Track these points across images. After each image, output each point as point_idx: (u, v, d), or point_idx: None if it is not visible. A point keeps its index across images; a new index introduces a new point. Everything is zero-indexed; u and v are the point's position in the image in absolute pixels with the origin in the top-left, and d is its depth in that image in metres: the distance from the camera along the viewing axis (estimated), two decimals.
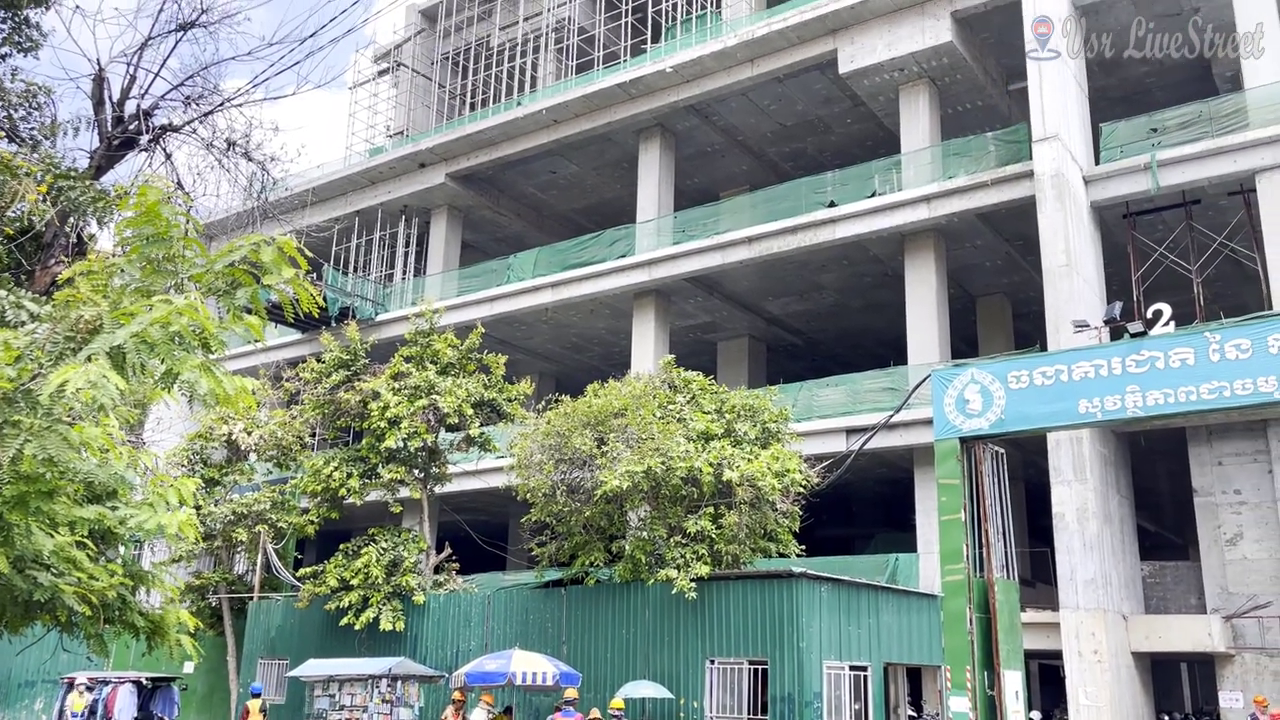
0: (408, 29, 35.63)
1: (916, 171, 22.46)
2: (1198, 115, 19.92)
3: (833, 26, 23.47)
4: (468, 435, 20.00)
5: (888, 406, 20.31)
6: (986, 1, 21.84)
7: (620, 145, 28.46)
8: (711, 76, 25.32)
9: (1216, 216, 20.38)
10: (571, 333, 29.68)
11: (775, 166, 29.38)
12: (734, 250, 24.11)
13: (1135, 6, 22.01)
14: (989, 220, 22.16)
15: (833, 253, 24.12)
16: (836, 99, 25.88)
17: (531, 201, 32.53)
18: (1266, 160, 18.52)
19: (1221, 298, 22.00)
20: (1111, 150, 20.49)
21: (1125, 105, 24.39)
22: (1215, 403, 12.52)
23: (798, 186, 24.86)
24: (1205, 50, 23.12)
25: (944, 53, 22.58)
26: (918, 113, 23.34)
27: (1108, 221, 20.95)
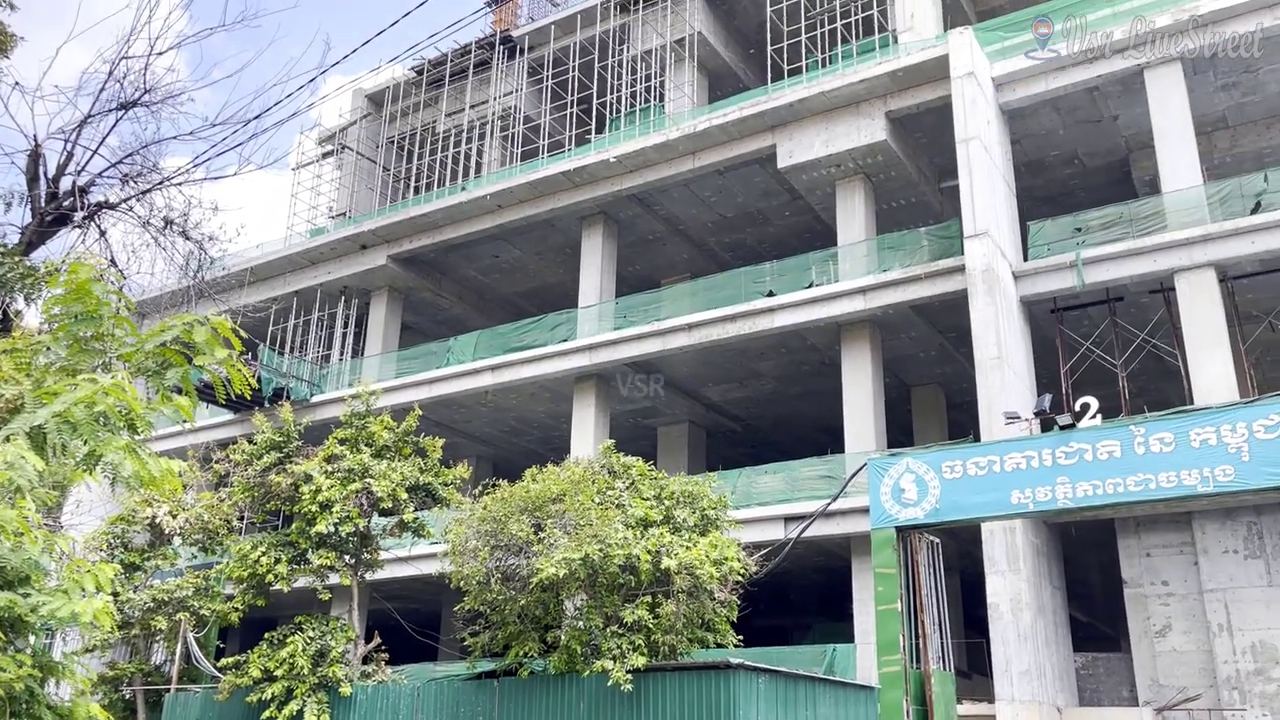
0: (354, 113, 35.93)
1: (852, 264, 22.99)
2: (1119, 216, 20.76)
3: (772, 123, 24.18)
4: (401, 520, 19.58)
5: (826, 494, 20.40)
6: (918, 103, 22.72)
7: (563, 231, 28.77)
8: (654, 167, 25.84)
9: (1139, 313, 21.11)
10: (511, 416, 29.50)
11: (716, 256, 29.88)
12: (674, 337, 24.31)
13: (1058, 112, 23.05)
14: (923, 312, 22.68)
15: (771, 341, 24.45)
16: (775, 192, 26.53)
17: (474, 284, 32.59)
18: (1184, 261, 19.31)
19: (1145, 392, 22.67)
20: (1039, 248, 21.22)
21: (1051, 205, 25.37)
22: (1141, 494, 12.78)
23: (737, 276, 25.27)
24: (1125, 154, 24.27)
25: (879, 151, 23.35)
26: (853, 207, 23.99)
27: (1037, 316, 21.57)
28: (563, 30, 32.35)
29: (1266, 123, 23.29)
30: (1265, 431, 12.19)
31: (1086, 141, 24.12)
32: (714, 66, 31.48)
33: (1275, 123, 23.23)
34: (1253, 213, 19.29)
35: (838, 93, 23.15)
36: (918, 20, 25.88)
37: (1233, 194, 19.73)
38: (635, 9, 30.63)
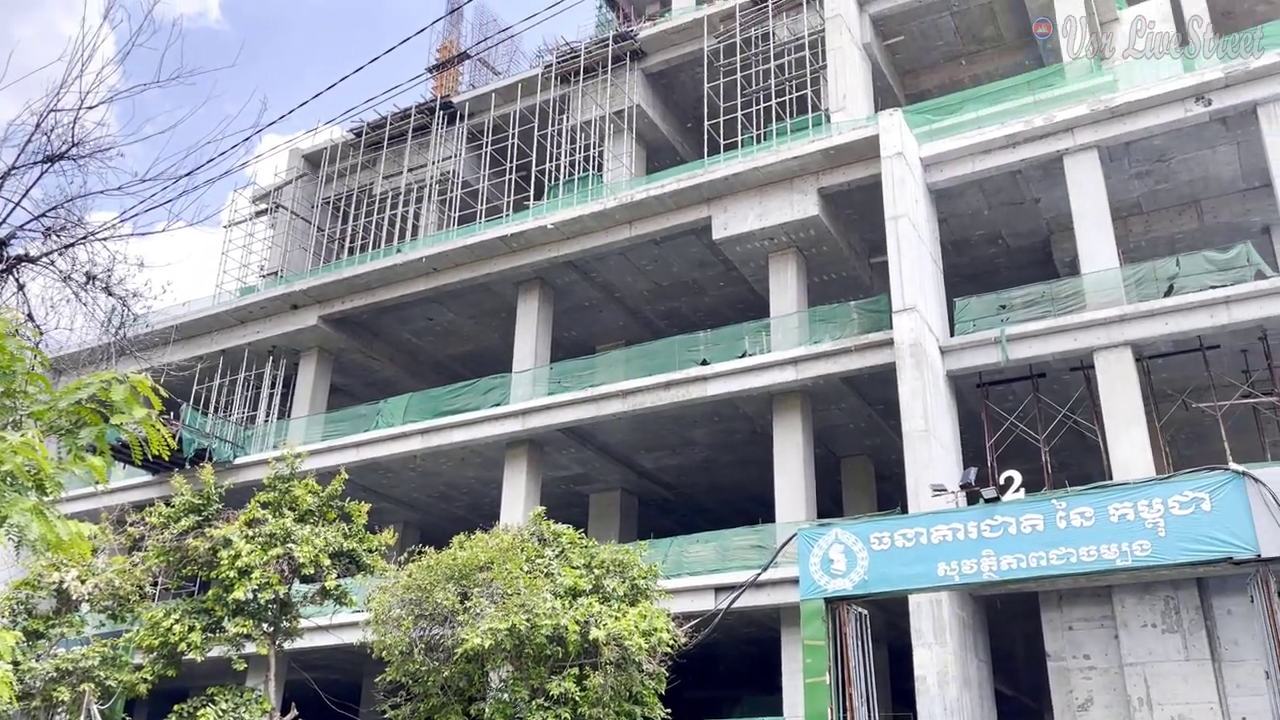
0: (289, 172, 35.74)
1: (785, 335, 23.31)
2: (1041, 295, 21.43)
3: (708, 195, 24.61)
4: (324, 588, 19.05)
5: (756, 564, 20.36)
6: (849, 181, 23.33)
7: (499, 295, 28.75)
8: (591, 235, 26.05)
9: (1061, 389, 21.69)
10: (440, 481, 29.07)
11: (651, 324, 30.08)
12: (608, 403, 24.30)
13: (983, 194, 23.86)
14: (853, 384, 23.02)
15: (705, 409, 24.57)
16: (711, 262, 26.90)
17: (406, 347, 32.29)
18: (1102, 340, 19.95)
19: (1068, 466, 23.18)
20: (965, 324, 21.76)
21: (976, 283, 26.07)
22: (1063, 568, 12.99)
23: (672, 344, 25.44)
24: (1047, 235, 25.15)
25: (811, 225, 23.86)
26: (786, 279, 24.41)
27: (963, 390, 22.03)
28: (503, 98, 32.72)
29: (1178, 209, 24.36)
30: (1180, 508, 12.51)
31: (1010, 222, 24.95)
32: (652, 139, 32.05)
33: (1186, 210, 24.31)
34: (1166, 295, 20.06)
35: (772, 168, 23.69)
36: (850, 101, 26.72)
37: (1147, 277, 20.52)
38: (575, 81, 31.15)
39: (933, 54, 30.93)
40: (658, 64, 31.24)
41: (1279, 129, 20.28)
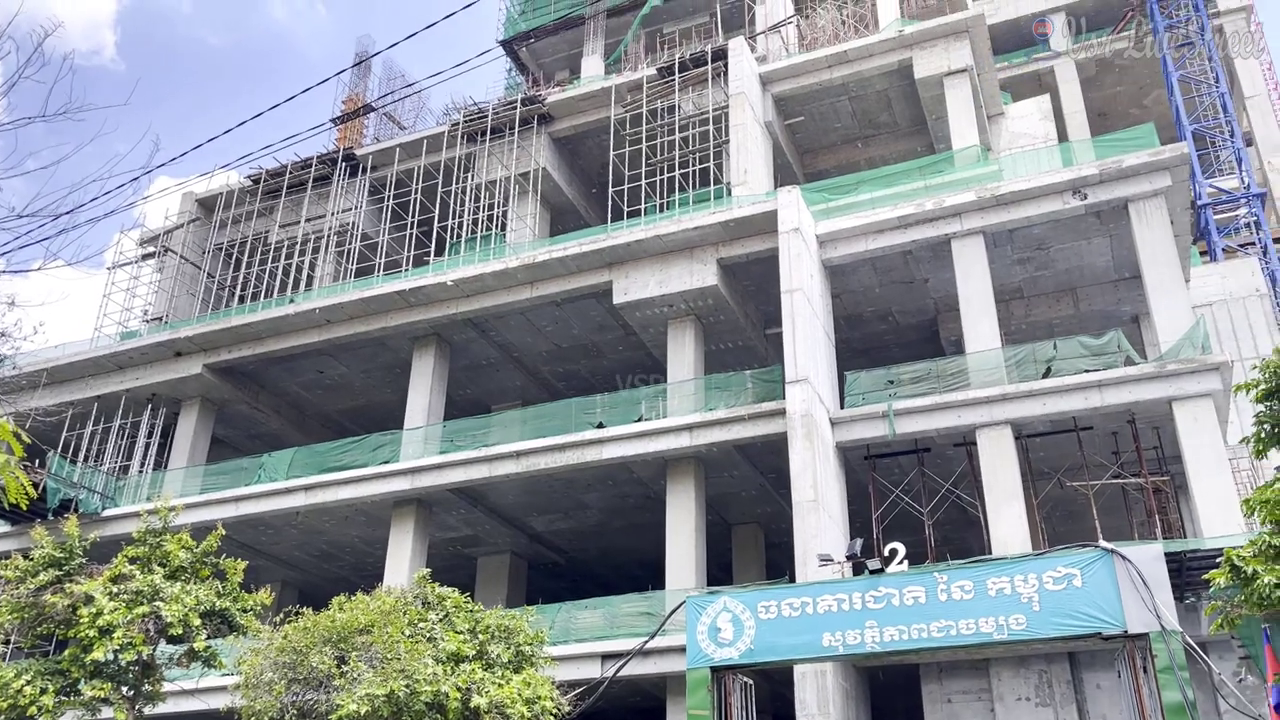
0: (181, 215, 34.73)
1: (680, 401, 23.47)
2: (928, 372, 22.11)
3: (609, 260, 24.81)
4: (192, 649, 18.10)
5: (645, 631, 20.19)
6: (748, 253, 23.83)
7: (394, 351, 28.29)
8: (492, 294, 25.94)
9: (945, 464, 22.31)
10: (323, 540, 28.15)
11: (548, 385, 29.95)
12: (502, 464, 24.00)
13: (876, 272, 24.64)
14: (746, 452, 23.26)
15: (599, 473, 24.47)
16: (610, 326, 27.03)
17: (294, 399, 31.41)
18: (984, 418, 20.65)
19: (950, 540, 23.77)
20: (855, 397, 22.28)
21: (866, 357, 26.82)
22: (943, 640, 13.24)
23: (568, 406, 25.34)
24: (934, 315, 26.05)
25: (709, 295, 24.23)
26: (684, 346, 24.66)
27: (851, 462, 22.46)
28: (408, 153, 32.58)
29: (1056, 296, 25.56)
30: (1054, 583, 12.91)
31: (900, 300, 25.79)
32: (557, 201, 32.27)
33: (1064, 296, 25.52)
34: (1044, 377, 20.92)
35: (673, 237, 24.05)
36: (751, 176, 27.43)
37: (1027, 359, 21.39)
38: (482, 140, 31.25)
39: (831, 136, 32.05)
40: (565, 129, 31.60)
41: (1148, 224, 21.54)
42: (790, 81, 30.07)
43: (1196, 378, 19.48)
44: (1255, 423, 12.40)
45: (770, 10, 33.85)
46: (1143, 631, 12.73)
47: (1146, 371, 19.91)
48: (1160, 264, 21.18)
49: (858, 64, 29.51)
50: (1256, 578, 10.92)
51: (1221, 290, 28.98)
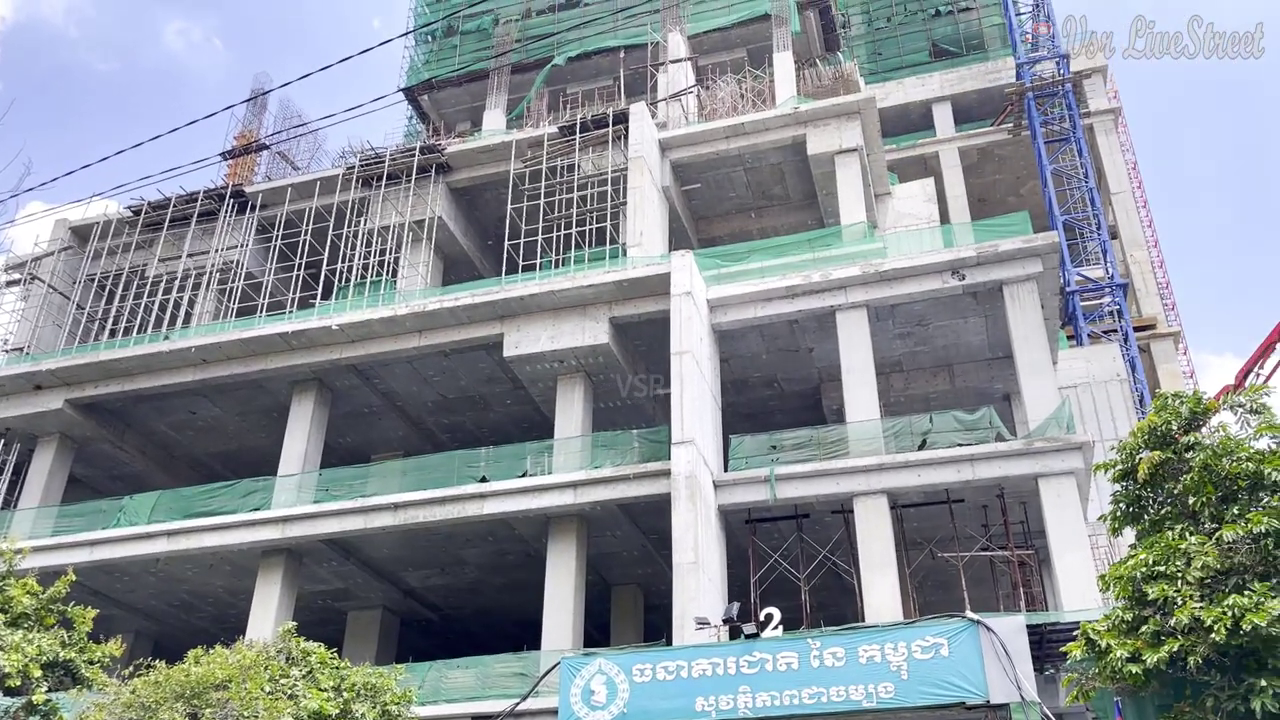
0: (52, 243, 33.17)
1: (566, 458, 23.33)
2: (809, 439, 22.54)
3: (501, 313, 24.68)
4: (30, 702, 16.90)
5: (517, 693, 19.71)
6: (640, 313, 24.04)
7: (272, 394, 27.41)
8: (378, 340, 25.47)
9: (823, 531, 22.66)
10: (183, 589, 26.82)
11: (432, 436, 29.42)
12: (379, 515, 23.38)
13: (763, 339, 25.12)
14: (629, 512, 23.20)
15: (479, 528, 24.05)
16: (499, 379, 26.79)
17: (163, 440, 30.05)
18: (861, 486, 21.11)
19: (825, 606, 24.05)
20: (739, 460, 22.52)
21: (751, 422, 27.18)
22: (815, 707, 13.32)
23: (452, 458, 24.92)
24: (818, 383, 26.64)
25: (600, 352, 24.30)
26: (573, 402, 24.59)
27: (733, 525, 22.62)
28: (300, 194, 31.96)
29: (934, 371, 26.47)
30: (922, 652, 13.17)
31: (786, 367, 26.31)
32: (451, 251, 32.03)
33: (940, 372, 26.45)
34: (919, 449, 21.55)
35: (567, 293, 24.11)
36: (646, 238, 27.75)
37: (904, 430, 22.02)
38: (377, 185, 30.90)
39: (726, 204, 32.78)
40: (463, 180, 31.52)
41: (1020, 307, 22.57)
42: (689, 149, 30.72)
43: (1061, 456, 20.34)
44: (1112, 501, 12.99)
45: (672, 79, 34.64)
46: (1004, 702, 13.06)
47: (1015, 448, 20.71)
48: (1030, 345, 22.17)
49: (754, 137, 30.35)
50: (1110, 651, 11.33)
51: (1086, 374, 30.49)
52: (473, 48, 39.89)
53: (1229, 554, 10.96)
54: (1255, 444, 11.94)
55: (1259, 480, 11.32)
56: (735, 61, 36.41)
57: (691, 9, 37.32)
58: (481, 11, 40.20)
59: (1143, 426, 12.71)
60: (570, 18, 38.82)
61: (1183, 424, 12.48)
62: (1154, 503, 12.61)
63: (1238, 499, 11.47)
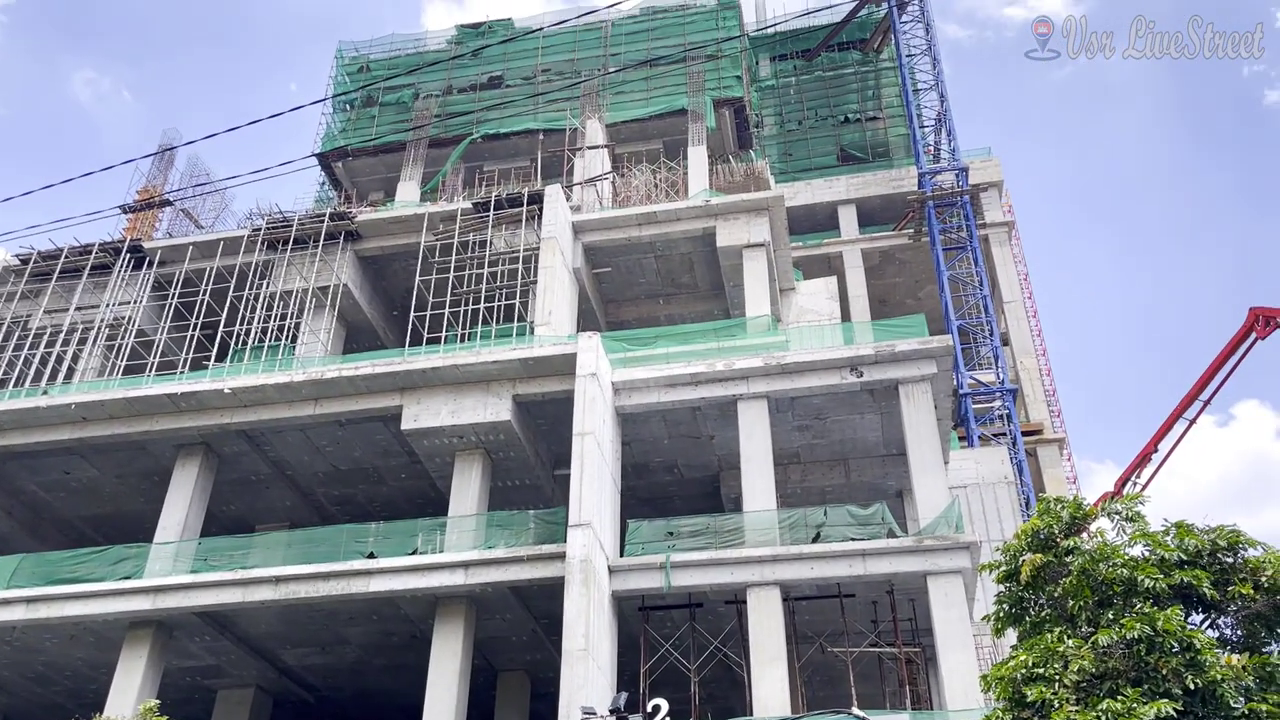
0: None
1: (459, 536, 22.82)
2: (706, 527, 22.52)
3: (402, 385, 24.28)
4: None
5: None
6: (544, 393, 23.93)
7: (155, 457, 26.29)
8: (271, 406, 24.76)
9: (716, 621, 22.51)
10: (40, 660, 25.13)
11: (321, 508, 28.52)
12: (259, 589, 22.41)
13: (666, 424, 25.20)
14: (521, 595, 22.71)
15: (364, 606, 23.23)
16: (395, 452, 26.21)
17: (32, 500, 28.43)
18: (755, 577, 21.11)
19: (714, 698, 23.77)
20: (635, 546, 22.34)
21: (650, 507, 27.08)
22: None
23: (340, 532, 24.15)
24: (717, 471, 26.75)
25: (501, 430, 24.03)
26: (470, 480, 24.16)
27: (626, 612, 22.32)
28: (201, 253, 31.22)
29: (830, 464, 26.87)
30: None
31: (687, 454, 26.39)
32: (355, 319, 31.54)
33: (837, 466, 26.86)
34: (813, 541, 21.71)
35: (471, 368, 23.88)
36: (555, 317, 27.79)
37: (799, 522, 22.19)
38: (283, 249, 30.39)
39: (635, 289, 33.14)
40: (372, 248, 31.24)
41: (914, 407, 23.18)
42: (601, 233, 31.08)
43: (949, 554, 20.72)
44: (995, 602, 13.23)
45: (589, 164, 35.20)
46: None
47: (906, 545, 21.03)
48: (923, 444, 22.71)
49: (666, 226, 30.90)
50: None
51: (976, 474, 31.31)
52: (391, 119, 39.95)
53: (1104, 658, 11.21)
54: (1130, 550, 12.34)
55: (1133, 586, 11.66)
56: (651, 151, 37.21)
57: (611, 98, 38.18)
58: (402, 85, 40.44)
59: (1026, 529, 13.05)
60: (491, 97, 39.34)
61: (1064, 528, 12.85)
62: (1035, 605, 12.88)
63: (1113, 604, 11.79)
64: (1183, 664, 10.83)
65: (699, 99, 37.05)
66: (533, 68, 40.13)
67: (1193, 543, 12.03)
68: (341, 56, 42.31)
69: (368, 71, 42.02)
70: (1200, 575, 11.59)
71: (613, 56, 39.49)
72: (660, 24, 40.48)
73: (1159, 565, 11.78)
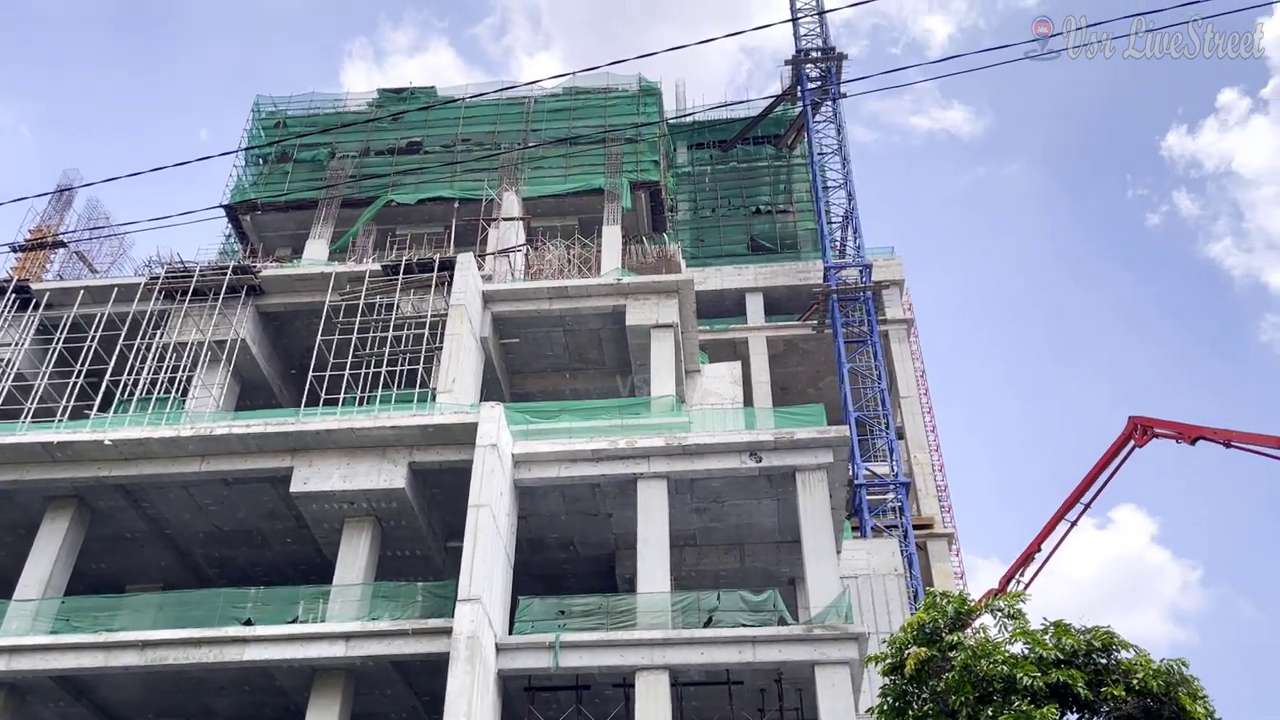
0: None
1: (343, 607, 22.07)
2: (598, 607, 22.24)
3: (295, 445, 23.63)
4: None
5: None
6: (442, 462, 23.55)
7: (22, 508, 24.91)
8: (154, 461, 23.80)
9: (602, 705, 22.10)
10: None
11: (199, 570, 27.30)
12: (123, 653, 21.26)
13: (564, 499, 24.99)
14: (403, 670, 21.99)
15: (237, 675, 22.23)
16: (281, 515, 25.36)
17: None
18: (645, 660, 20.86)
19: None
20: (524, 623, 21.91)
21: (543, 583, 26.64)
22: None
23: (216, 596, 23.16)
24: (613, 550, 26.53)
25: (395, 497, 23.49)
26: (358, 548, 23.48)
27: (510, 692, 21.77)
28: (93, 298, 30.12)
29: (726, 548, 26.90)
30: None
31: (584, 531, 26.15)
32: (251, 376, 30.68)
33: (733, 550, 26.90)
34: (705, 625, 21.61)
35: (367, 433, 23.40)
36: (459, 385, 27.48)
37: (692, 606, 22.09)
38: (181, 299, 29.54)
39: (542, 362, 33.07)
40: (275, 305, 30.58)
41: (810, 494, 23.46)
42: (511, 304, 31.06)
43: (838, 645, 20.82)
44: (880, 695, 13.33)
45: (503, 235, 35.29)
46: None
47: (796, 633, 21.09)
48: (817, 532, 22.95)
49: (577, 301, 31.05)
50: None
51: (867, 565, 31.71)
52: (304, 176, 39.51)
53: None
54: (1011, 647, 12.61)
55: (1012, 684, 11.90)
56: (566, 227, 37.53)
57: (529, 172, 38.52)
58: (319, 143, 40.14)
59: (912, 623, 13.25)
60: (408, 162, 39.31)
61: (949, 623, 13.09)
62: (918, 699, 13.02)
63: (993, 700, 12.00)
64: None
65: (616, 180, 37.65)
66: (453, 136, 40.31)
67: (1069, 642, 12.37)
68: (259, 110, 41.85)
69: (284, 127, 41.61)
70: (1076, 675, 11.89)
71: (533, 131, 39.96)
72: (582, 104, 41.20)
73: (1037, 664, 12.05)
